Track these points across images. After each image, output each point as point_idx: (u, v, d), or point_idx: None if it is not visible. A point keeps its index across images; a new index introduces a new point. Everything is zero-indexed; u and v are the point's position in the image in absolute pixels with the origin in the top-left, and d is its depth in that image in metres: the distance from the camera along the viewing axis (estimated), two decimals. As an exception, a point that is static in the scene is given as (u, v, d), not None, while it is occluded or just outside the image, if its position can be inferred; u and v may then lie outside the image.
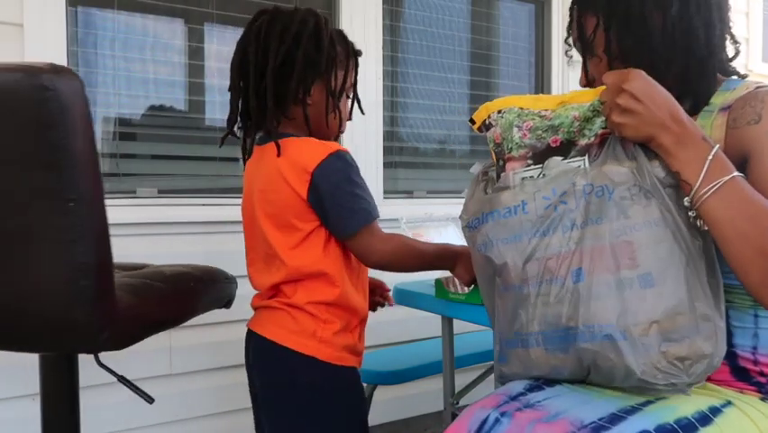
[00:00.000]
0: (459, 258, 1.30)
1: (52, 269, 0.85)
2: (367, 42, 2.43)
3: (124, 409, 2.00)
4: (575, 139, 0.95)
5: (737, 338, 0.99)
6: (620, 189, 0.89)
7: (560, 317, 0.91)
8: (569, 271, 0.91)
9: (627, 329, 0.86)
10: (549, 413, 0.93)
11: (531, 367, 0.98)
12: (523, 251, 0.95)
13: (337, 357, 1.24)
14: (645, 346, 0.86)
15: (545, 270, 0.93)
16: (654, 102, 0.86)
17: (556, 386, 1.03)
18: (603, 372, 0.91)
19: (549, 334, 0.93)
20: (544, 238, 0.94)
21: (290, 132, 1.25)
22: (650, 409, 0.92)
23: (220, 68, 2.26)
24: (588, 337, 0.89)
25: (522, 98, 1.02)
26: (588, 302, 0.89)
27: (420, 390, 2.40)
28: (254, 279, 1.32)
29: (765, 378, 0.98)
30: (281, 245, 1.22)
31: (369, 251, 1.22)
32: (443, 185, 2.80)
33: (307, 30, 1.22)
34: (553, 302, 0.92)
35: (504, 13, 2.94)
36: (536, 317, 0.94)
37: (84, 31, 2.03)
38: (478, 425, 0.96)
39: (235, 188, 2.25)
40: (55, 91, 0.80)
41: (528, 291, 0.95)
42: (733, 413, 0.92)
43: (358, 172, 1.23)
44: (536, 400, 0.98)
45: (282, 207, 1.21)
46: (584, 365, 0.92)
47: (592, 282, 0.89)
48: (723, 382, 1.00)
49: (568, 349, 0.92)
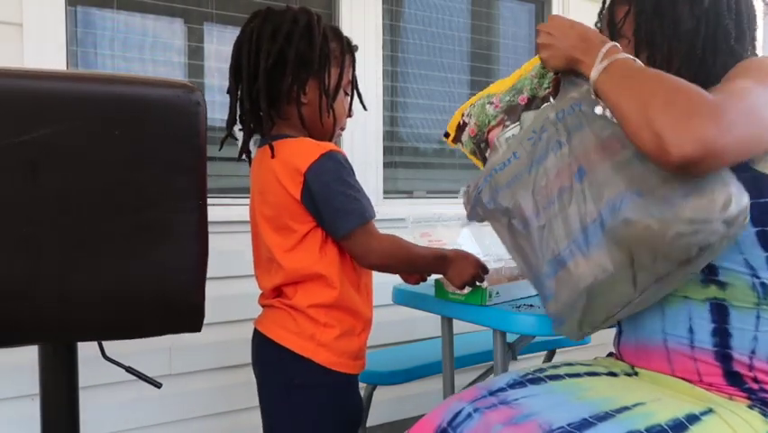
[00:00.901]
0: (451, 262, 1.32)
1: (182, 258, 1.02)
2: (367, 42, 2.43)
3: (124, 409, 2.00)
4: (537, 93, 1.08)
5: (735, 340, 0.97)
6: (585, 101, 0.98)
7: (580, 218, 0.93)
8: (572, 176, 0.95)
9: (641, 189, 0.87)
10: (521, 413, 0.95)
11: (579, 282, 0.94)
12: (527, 184, 1.00)
13: (335, 362, 1.24)
14: (666, 198, 0.84)
15: (552, 189, 0.97)
16: (563, 32, 1.00)
17: (541, 384, 1.04)
18: (641, 241, 0.86)
19: (578, 238, 0.93)
20: (540, 166, 0.99)
21: (286, 133, 1.26)
22: (624, 415, 0.92)
23: (219, 67, 2.26)
24: (611, 216, 0.89)
25: (484, 90, 1.19)
26: (597, 189, 0.91)
27: (420, 390, 2.39)
28: (259, 280, 1.33)
29: (758, 385, 0.96)
30: (278, 248, 1.23)
31: (364, 251, 1.23)
32: (443, 185, 2.80)
33: (299, 28, 1.21)
34: (570, 212, 0.94)
35: (504, 12, 2.93)
36: (561, 232, 0.95)
37: (83, 30, 2.03)
38: (450, 417, 1.00)
39: (234, 189, 2.25)
40: (202, 106, 1.00)
41: (547, 215, 0.98)
42: (711, 421, 0.91)
43: (351, 173, 1.22)
44: (513, 398, 1.00)
45: (278, 208, 1.22)
46: (624, 248, 0.89)
47: (596, 172, 0.92)
48: (713, 387, 0.99)
49: (601, 242, 0.91)
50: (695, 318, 1.00)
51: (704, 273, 0.98)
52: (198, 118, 1.00)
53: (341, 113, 1.31)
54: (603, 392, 1.00)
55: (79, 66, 2.02)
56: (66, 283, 0.96)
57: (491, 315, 1.37)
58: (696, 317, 1.00)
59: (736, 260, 0.96)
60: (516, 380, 1.07)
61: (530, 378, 1.07)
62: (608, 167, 0.91)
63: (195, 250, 1.02)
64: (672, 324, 1.03)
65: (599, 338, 2.38)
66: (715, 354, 0.98)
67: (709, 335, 0.98)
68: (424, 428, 1.03)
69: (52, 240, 0.94)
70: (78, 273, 0.97)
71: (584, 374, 1.10)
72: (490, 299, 1.40)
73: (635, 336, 1.10)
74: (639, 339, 1.09)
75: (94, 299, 0.98)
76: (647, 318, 1.07)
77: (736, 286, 0.96)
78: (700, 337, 0.99)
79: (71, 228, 0.95)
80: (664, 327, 1.04)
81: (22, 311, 0.95)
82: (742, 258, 0.95)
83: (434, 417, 1.03)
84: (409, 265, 1.32)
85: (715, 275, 0.98)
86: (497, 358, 1.46)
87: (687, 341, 1.01)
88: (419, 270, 1.38)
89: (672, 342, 1.03)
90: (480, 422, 0.97)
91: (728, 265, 0.96)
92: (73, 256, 0.96)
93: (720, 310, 0.98)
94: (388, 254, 1.24)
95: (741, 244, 0.95)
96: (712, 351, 0.98)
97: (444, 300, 1.48)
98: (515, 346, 1.53)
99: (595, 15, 1.20)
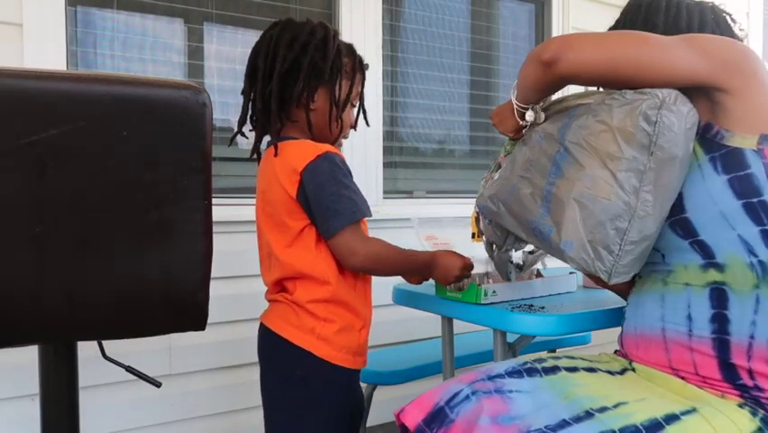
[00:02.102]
0: (435, 265, 1.35)
1: (188, 257, 1.03)
2: (367, 42, 2.43)
3: (124, 409, 2.00)
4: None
5: (734, 326, 0.98)
6: (527, 138, 1.21)
7: (547, 156, 1.11)
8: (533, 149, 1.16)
9: (579, 114, 1.10)
10: (507, 413, 0.99)
11: (564, 197, 1.06)
12: (503, 181, 1.21)
13: (335, 356, 1.28)
14: (606, 101, 1.06)
15: (516, 168, 1.18)
16: (496, 111, 1.26)
17: (535, 377, 1.07)
18: (595, 134, 1.03)
19: (551, 170, 1.10)
20: (511, 164, 1.21)
21: (293, 135, 1.32)
22: (603, 415, 0.94)
23: (219, 67, 2.26)
24: (566, 134, 1.08)
25: None
26: (548, 135, 1.14)
27: (420, 390, 2.38)
28: (263, 275, 1.39)
29: (753, 381, 0.97)
30: (277, 244, 1.29)
31: (348, 252, 1.25)
32: (443, 185, 2.80)
33: (315, 39, 1.30)
34: (538, 156, 1.13)
35: (504, 12, 2.94)
36: (538, 176, 1.12)
37: (83, 30, 2.03)
38: (449, 396, 1.05)
39: (234, 189, 2.25)
40: (208, 107, 1.02)
41: (522, 178, 1.16)
42: (692, 421, 0.92)
43: (346, 174, 1.27)
44: (508, 389, 1.04)
45: (277, 206, 1.27)
46: (588, 149, 1.03)
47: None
48: (707, 382, 1.00)
49: (570, 159, 1.06)
50: (694, 305, 1.02)
51: (703, 256, 1.01)
52: (205, 119, 1.02)
53: (347, 123, 1.39)
54: (591, 391, 1.02)
55: (79, 66, 2.02)
56: (72, 282, 0.97)
57: (491, 315, 1.37)
58: (695, 304, 1.02)
59: (730, 237, 0.98)
60: (514, 368, 1.09)
61: (528, 368, 1.10)
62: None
63: (200, 249, 1.04)
64: (671, 311, 1.04)
65: (600, 338, 2.38)
66: (713, 342, 0.99)
67: (708, 321, 1.00)
68: (421, 405, 1.06)
69: (59, 239, 0.95)
70: (85, 273, 0.97)
71: (582, 369, 1.11)
72: (486, 297, 1.41)
73: (635, 324, 1.12)
74: (638, 328, 1.11)
75: (99, 299, 0.99)
76: (648, 305, 1.09)
77: (734, 267, 0.98)
78: (699, 325, 1.01)
79: (78, 228, 0.96)
80: (664, 315, 1.06)
81: (28, 310, 0.95)
82: (735, 234, 0.98)
83: (433, 395, 1.07)
84: (394, 271, 1.35)
85: (713, 258, 1.00)
86: (497, 358, 1.46)
87: (685, 329, 1.02)
88: (406, 272, 1.41)
89: (670, 331, 1.04)
90: (475, 406, 1.01)
91: (725, 245, 0.99)
92: (79, 256, 0.97)
93: (720, 295, 0.99)
94: (373, 258, 1.27)
95: (730, 219, 0.98)
96: (710, 339, 1.00)
97: (444, 300, 1.49)
98: (515, 346, 1.53)
99: (594, 15, 1.21)
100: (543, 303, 1.43)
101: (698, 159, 1.02)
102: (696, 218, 1.01)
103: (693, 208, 1.01)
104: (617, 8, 1.31)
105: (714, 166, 1.00)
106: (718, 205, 0.98)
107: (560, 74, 1.05)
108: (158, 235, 1.01)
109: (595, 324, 1.38)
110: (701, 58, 1.00)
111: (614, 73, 1.03)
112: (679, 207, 1.03)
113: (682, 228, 1.03)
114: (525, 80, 1.14)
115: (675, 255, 1.06)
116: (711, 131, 1.02)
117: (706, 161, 1.01)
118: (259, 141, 1.37)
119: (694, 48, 1.01)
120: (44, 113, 0.92)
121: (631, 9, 1.24)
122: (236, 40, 2.29)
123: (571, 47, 1.03)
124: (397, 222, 2.33)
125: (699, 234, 1.01)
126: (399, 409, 1.08)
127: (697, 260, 1.02)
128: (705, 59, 1.00)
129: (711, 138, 1.01)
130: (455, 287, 1.45)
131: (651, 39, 1.03)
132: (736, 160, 0.98)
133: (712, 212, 0.99)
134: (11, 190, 0.92)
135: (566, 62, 1.03)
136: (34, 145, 0.92)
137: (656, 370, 1.07)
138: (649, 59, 1.01)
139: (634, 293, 1.16)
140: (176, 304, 1.04)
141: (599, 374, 1.10)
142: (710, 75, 0.99)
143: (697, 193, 1.01)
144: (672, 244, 1.05)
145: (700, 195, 1.00)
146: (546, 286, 1.54)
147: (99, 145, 0.96)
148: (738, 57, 1.01)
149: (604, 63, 1.02)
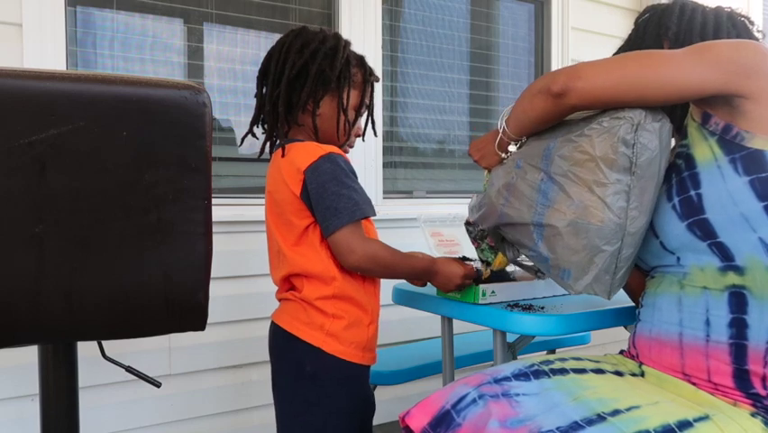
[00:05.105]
0: (436, 273, 1.37)
1: (188, 257, 1.03)
2: (367, 42, 2.43)
3: (124, 409, 2.00)
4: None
5: (752, 331, 0.97)
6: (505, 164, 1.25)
7: (531, 185, 1.13)
8: (511, 172, 1.18)
9: (558, 135, 1.13)
10: (516, 416, 0.97)
11: (558, 224, 1.08)
12: (491, 202, 1.23)
13: (343, 352, 1.30)
14: (581, 127, 1.09)
15: (501, 191, 1.20)
16: (479, 147, 1.29)
17: (543, 378, 1.06)
18: (579, 163, 1.06)
19: (537, 199, 1.12)
20: (492, 187, 1.24)
21: (299, 138, 1.36)
22: (616, 418, 0.93)
23: (219, 67, 2.26)
24: (549, 163, 1.10)
25: None
26: (529, 162, 1.15)
27: (420, 390, 2.39)
28: (272, 274, 1.42)
29: (766, 390, 0.96)
30: (285, 242, 1.32)
31: (346, 251, 1.26)
32: (443, 185, 2.80)
33: (325, 48, 1.34)
34: (521, 186, 1.15)
35: (504, 12, 2.94)
36: (523, 207, 1.14)
37: (83, 30, 2.03)
38: (455, 400, 1.04)
39: (234, 189, 2.25)
40: (208, 108, 1.03)
41: (506, 203, 1.19)
42: (705, 428, 0.91)
43: (348, 174, 1.29)
44: (515, 393, 1.03)
45: (283, 205, 1.31)
46: (573, 178, 1.06)
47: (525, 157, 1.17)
48: (719, 389, 0.99)
49: (555, 188, 1.10)
50: (712, 310, 1.01)
51: (721, 259, 1.00)
52: (204, 119, 1.02)
53: (353, 131, 1.42)
54: (602, 393, 1.00)
55: (79, 66, 2.02)
56: (72, 282, 0.97)
57: (491, 315, 1.37)
58: (713, 308, 1.01)
59: (750, 240, 0.97)
60: (521, 370, 1.08)
61: (535, 370, 1.09)
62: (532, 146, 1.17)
63: (200, 249, 1.04)
64: (689, 315, 1.04)
65: (600, 338, 2.38)
66: (729, 348, 0.98)
67: (726, 326, 0.99)
68: (427, 408, 1.05)
69: (58, 239, 0.95)
70: (84, 272, 0.97)
71: (590, 371, 1.10)
72: (484, 297, 1.41)
73: (651, 327, 1.11)
74: (654, 330, 1.10)
75: (99, 299, 0.99)
76: (665, 309, 1.08)
77: (754, 270, 0.97)
78: (717, 330, 1.00)
79: (77, 228, 0.96)
80: (682, 320, 1.05)
81: (27, 310, 0.95)
82: (756, 237, 0.96)
83: (439, 398, 1.06)
84: (391, 273, 1.35)
85: (732, 260, 0.99)
86: (497, 358, 1.46)
87: (703, 334, 1.01)
88: (404, 276, 1.42)
89: (687, 337, 1.03)
90: (483, 410, 1.00)
91: (745, 247, 0.97)
92: (79, 255, 0.97)
93: (739, 300, 0.98)
94: (370, 259, 1.27)
95: (751, 221, 0.96)
96: (727, 344, 0.99)
97: (444, 300, 1.49)
98: (515, 346, 1.53)
99: (593, 15, 1.22)
100: (543, 303, 1.43)
101: (717, 159, 1.01)
102: (715, 219, 0.99)
103: (712, 209, 1.00)
104: (617, 8, 1.31)
105: (735, 167, 0.98)
106: (739, 206, 0.97)
107: (572, 105, 1.06)
108: (158, 236, 1.01)
109: (595, 324, 1.38)
110: (714, 68, 0.98)
111: (626, 96, 1.04)
112: (698, 208, 1.01)
113: (701, 229, 1.01)
114: (527, 113, 1.14)
115: (691, 257, 1.04)
116: (731, 132, 1.00)
117: (726, 163, 0.99)
118: (266, 142, 1.41)
119: (705, 58, 0.99)
120: (44, 113, 0.92)
121: (647, 16, 1.25)
122: (236, 40, 2.29)
123: (579, 77, 1.04)
124: (397, 222, 2.34)
125: (719, 235, 1.00)
126: (404, 412, 1.07)
127: (715, 262, 1.01)
128: (718, 68, 0.98)
129: (731, 140, 1.00)
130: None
131: (658, 56, 1.02)
132: (757, 161, 0.97)
133: (732, 213, 0.98)
134: (10, 190, 0.92)
135: (577, 92, 1.04)
136: (34, 145, 0.92)
137: (667, 374, 1.06)
138: (659, 78, 1.01)
139: (648, 295, 1.14)
140: (176, 304, 1.04)
141: (608, 376, 1.09)
142: (725, 83, 0.98)
143: (717, 194, 1.00)
144: (688, 245, 1.04)
145: (720, 196, 0.99)
146: (546, 286, 1.54)
147: (99, 145, 0.96)
148: (756, 59, 0.99)
149: (614, 88, 1.03)
